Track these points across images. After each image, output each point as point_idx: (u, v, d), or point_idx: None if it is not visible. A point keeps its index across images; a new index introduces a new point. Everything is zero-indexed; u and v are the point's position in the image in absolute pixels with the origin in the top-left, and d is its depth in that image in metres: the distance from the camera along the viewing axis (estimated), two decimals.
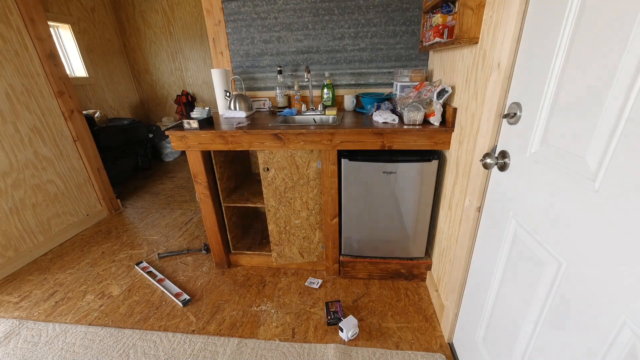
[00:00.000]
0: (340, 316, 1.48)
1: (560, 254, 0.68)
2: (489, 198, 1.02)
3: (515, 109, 0.84)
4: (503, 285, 0.93)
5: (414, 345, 1.36)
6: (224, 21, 1.93)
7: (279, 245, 1.79)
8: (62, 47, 3.00)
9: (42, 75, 2.09)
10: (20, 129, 1.98)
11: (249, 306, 1.62)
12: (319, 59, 1.96)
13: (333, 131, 1.43)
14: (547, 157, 0.72)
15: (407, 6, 1.77)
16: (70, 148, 2.32)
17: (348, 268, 1.77)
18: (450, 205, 1.38)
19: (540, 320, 0.75)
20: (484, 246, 1.05)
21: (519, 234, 0.85)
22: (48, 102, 2.14)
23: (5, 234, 1.91)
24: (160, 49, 3.52)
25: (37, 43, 2.03)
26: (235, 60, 2.03)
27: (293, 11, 1.86)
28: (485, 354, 1.04)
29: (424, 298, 1.62)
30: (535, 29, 0.77)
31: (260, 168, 1.59)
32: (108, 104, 3.38)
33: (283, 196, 1.65)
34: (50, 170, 2.17)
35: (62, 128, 2.25)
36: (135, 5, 3.35)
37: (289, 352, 1.34)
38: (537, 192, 0.76)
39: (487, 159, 0.92)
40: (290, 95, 2.07)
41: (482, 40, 1.04)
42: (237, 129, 1.50)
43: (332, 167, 1.52)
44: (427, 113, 1.42)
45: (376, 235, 1.68)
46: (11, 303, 1.70)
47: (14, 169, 1.95)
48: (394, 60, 1.91)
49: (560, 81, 0.68)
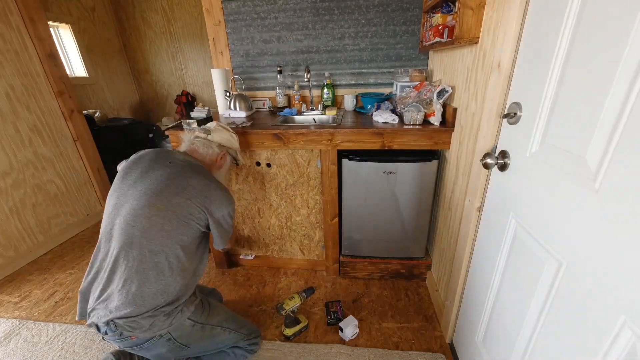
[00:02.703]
0: (340, 316, 1.48)
1: (560, 254, 0.68)
2: (489, 198, 1.02)
3: (515, 109, 0.84)
4: (503, 285, 0.93)
5: (414, 345, 1.36)
6: (224, 21, 1.93)
7: (281, 240, 1.80)
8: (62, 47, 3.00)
9: (42, 75, 2.09)
10: (20, 129, 1.98)
11: (249, 306, 1.61)
12: (319, 58, 1.96)
13: (333, 131, 1.43)
14: (547, 157, 0.72)
15: (407, 6, 1.77)
16: (70, 148, 2.32)
17: (348, 268, 1.77)
18: (450, 205, 1.38)
19: (540, 320, 0.75)
20: (484, 246, 1.05)
21: (519, 234, 0.85)
22: (48, 102, 2.14)
23: (5, 234, 1.91)
24: (160, 49, 3.52)
25: (37, 43, 2.03)
26: (235, 60, 2.03)
27: (293, 11, 1.86)
28: (485, 354, 1.04)
29: (424, 298, 1.62)
30: (536, 28, 0.77)
31: (263, 164, 1.59)
32: (108, 104, 3.38)
33: (284, 192, 1.65)
34: (50, 170, 2.17)
35: (62, 128, 2.25)
36: (135, 5, 3.34)
37: (289, 352, 1.34)
38: (538, 192, 0.76)
39: (487, 159, 0.92)
40: (290, 95, 2.07)
41: (482, 40, 1.04)
42: (236, 129, 1.50)
43: (332, 167, 1.52)
44: (427, 113, 1.42)
45: (376, 235, 1.68)
46: (11, 303, 1.70)
47: (14, 169, 1.95)
48: (394, 60, 1.91)
49: (560, 81, 0.68)
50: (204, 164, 1.19)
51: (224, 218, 1.12)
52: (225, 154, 1.28)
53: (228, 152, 1.30)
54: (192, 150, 1.20)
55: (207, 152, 1.21)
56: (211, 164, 1.23)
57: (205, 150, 1.21)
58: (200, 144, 1.21)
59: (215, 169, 1.25)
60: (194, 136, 1.23)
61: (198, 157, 1.20)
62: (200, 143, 1.21)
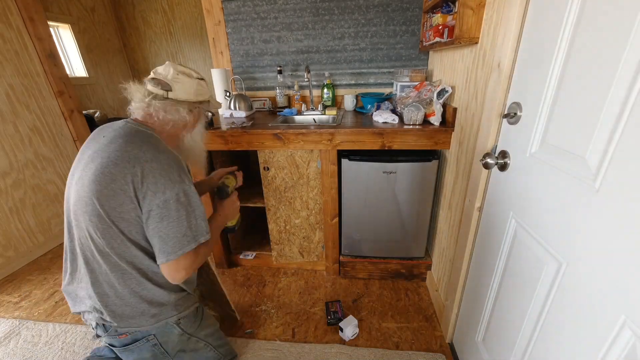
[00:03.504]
0: (340, 316, 1.48)
1: (560, 254, 0.68)
2: (489, 198, 1.02)
3: (515, 109, 0.84)
4: (503, 285, 0.93)
5: (414, 345, 1.36)
6: (224, 21, 1.93)
7: (279, 245, 1.80)
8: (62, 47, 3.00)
9: (42, 75, 2.09)
10: (20, 129, 1.97)
11: (249, 306, 1.61)
12: (319, 58, 1.96)
13: (333, 131, 1.43)
14: (548, 157, 0.72)
15: (407, 6, 1.77)
16: (70, 148, 2.32)
17: (348, 268, 1.77)
18: (450, 205, 1.38)
19: (540, 320, 0.75)
20: (484, 246, 1.05)
21: (519, 234, 0.85)
22: (48, 102, 2.13)
23: (5, 234, 1.91)
24: (160, 49, 3.51)
25: (37, 43, 2.03)
26: (235, 60, 2.03)
27: (293, 11, 1.86)
28: (485, 353, 1.04)
29: (424, 298, 1.62)
30: (536, 28, 0.77)
31: (260, 167, 1.59)
32: (108, 104, 3.38)
33: (283, 195, 1.65)
34: (50, 170, 2.17)
35: (62, 128, 2.25)
36: (135, 5, 3.34)
37: (289, 352, 1.34)
38: (538, 192, 0.76)
39: (487, 159, 0.92)
40: (290, 95, 2.07)
41: (482, 40, 1.04)
42: (235, 129, 1.50)
43: (332, 167, 1.52)
44: (427, 113, 1.42)
45: (376, 235, 1.68)
46: (11, 303, 1.70)
47: (14, 169, 1.95)
48: (394, 60, 1.91)
49: (560, 81, 0.68)
50: (164, 133, 0.87)
51: (166, 204, 0.77)
52: (199, 111, 0.94)
53: (201, 108, 0.94)
54: (148, 116, 0.85)
55: (171, 118, 0.86)
56: (176, 132, 0.90)
57: (168, 116, 0.85)
58: (160, 106, 0.84)
59: (184, 132, 0.93)
60: (149, 94, 0.84)
61: (156, 126, 0.86)
62: (159, 105, 0.84)
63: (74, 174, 0.82)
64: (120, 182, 0.75)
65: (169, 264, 0.81)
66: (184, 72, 0.87)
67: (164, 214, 0.78)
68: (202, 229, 0.85)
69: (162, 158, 0.79)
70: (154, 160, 0.77)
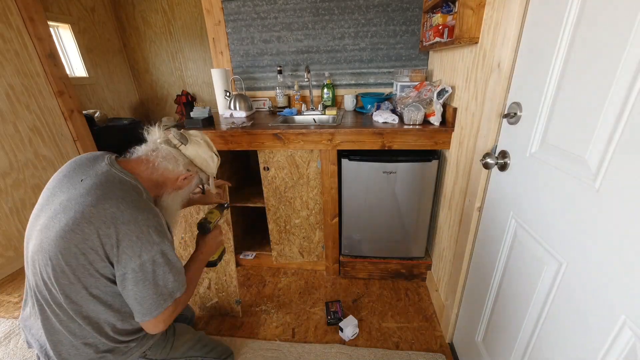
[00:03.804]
0: (340, 316, 1.48)
1: (561, 254, 0.68)
2: (489, 198, 1.02)
3: (515, 109, 0.84)
4: (503, 285, 0.93)
5: (414, 345, 1.36)
6: (224, 21, 1.93)
7: (279, 245, 1.80)
8: (62, 47, 3.00)
9: (42, 75, 2.09)
10: (20, 129, 1.97)
11: (249, 306, 1.61)
12: (319, 58, 1.96)
13: (333, 131, 1.43)
14: (548, 157, 0.72)
15: (407, 6, 1.77)
16: (70, 148, 2.31)
17: (348, 268, 1.77)
18: (450, 205, 1.38)
19: (540, 320, 0.75)
20: (484, 246, 1.05)
21: (519, 234, 0.85)
22: (48, 102, 2.13)
23: (5, 234, 1.91)
24: (160, 49, 3.52)
25: (37, 43, 2.03)
26: (235, 60, 2.03)
27: (293, 11, 1.86)
28: (485, 354, 1.04)
29: (424, 298, 1.62)
30: (536, 28, 0.77)
31: (260, 167, 1.59)
32: (108, 104, 3.38)
33: (283, 195, 1.65)
34: (50, 171, 2.17)
35: (62, 128, 2.25)
36: (135, 5, 3.34)
37: (289, 352, 1.34)
38: (538, 192, 0.76)
39: (488, 159, 0.92)
40: (290, 95, 2.07)
41: (482, 40, 1.04)
42: (235, 129, 1.50)
43: (332, 167, 1.52)
44: (427, 113, 1.42)
45: (376, 235, 1.68)
46: (11, 303, 1.70)
47: (14, 169, 1.95)
48: (394, 60, 1.91)
49: (560, 81, 0.68)
50: (150, 181, 0.84)
51: (142, 267, 0.74)
52: (193, 175, 0.93)
53: (198, 175, 0.95)
54: (143, 160, 0.85)
55: (166, 166, 0.85)
56: (164, 182, 0.88)
57: (165, 163, 0.85)
58: (165, 152, 0.85)
59: (169, 189, 0.90)
60: (162, 139, 0.87)
61: (144, 173, 0.83)
62: (164, 151, 0.85)
63: (39, 217, 0.75)
64: (92, 242, 0.70)
65: (147, 322, 0.80)
66: (207, 143, 0.94)
67: (139, 278, 0.75)
68: (179, 285, 0.83)
69: (140, 219, 0.74)
70: (132, 222, 0.73)
